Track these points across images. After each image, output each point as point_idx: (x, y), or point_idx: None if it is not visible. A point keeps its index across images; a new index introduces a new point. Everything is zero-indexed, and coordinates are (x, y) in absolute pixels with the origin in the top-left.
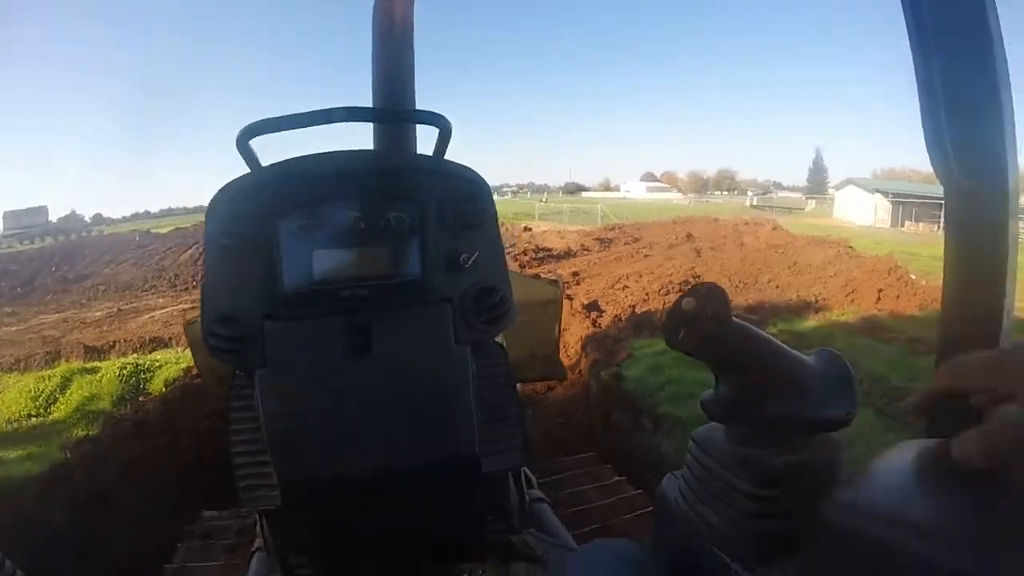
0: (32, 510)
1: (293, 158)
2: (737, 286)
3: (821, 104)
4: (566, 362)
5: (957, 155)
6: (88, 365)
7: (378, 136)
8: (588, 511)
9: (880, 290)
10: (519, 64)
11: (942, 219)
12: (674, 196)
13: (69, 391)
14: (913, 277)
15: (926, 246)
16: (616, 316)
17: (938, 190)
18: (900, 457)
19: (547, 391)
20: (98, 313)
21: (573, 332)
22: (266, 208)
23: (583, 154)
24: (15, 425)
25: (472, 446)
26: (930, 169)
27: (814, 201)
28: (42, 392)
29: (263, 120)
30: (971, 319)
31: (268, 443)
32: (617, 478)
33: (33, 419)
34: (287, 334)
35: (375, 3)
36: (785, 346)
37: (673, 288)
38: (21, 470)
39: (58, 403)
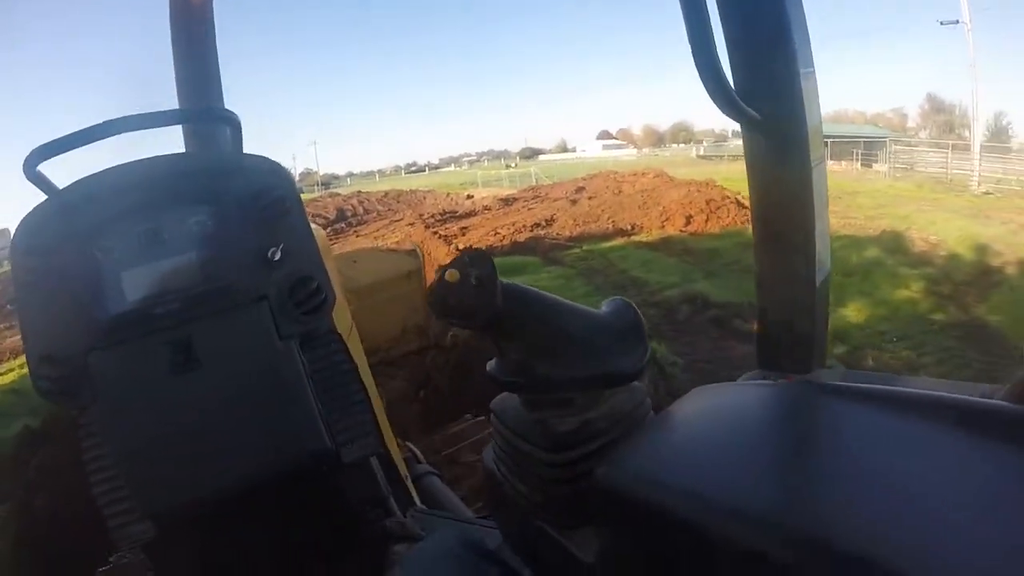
0: None
1: (87, 176)
2: (578, 224)
3: None
4: None
5: (740, 85)
6: None
7: (188, 140)
8: None
9: (690, 216)
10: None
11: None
12: (627, 152)
13: None
14: (731, 202)
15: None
16: None
17: (855, 129)
18: (697, 403)
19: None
20: None
21: None
22: (68, 234)
23: (541, 117)
24: None
25: (321, 439)
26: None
27: None
28: None
29: (52, 141)
30: (784, 247)
31: (123, 478)
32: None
33: None
34: (113, 363)
35: (170, 9)
36: (568, 301)
37: (525, 229)
38: None
39: None
